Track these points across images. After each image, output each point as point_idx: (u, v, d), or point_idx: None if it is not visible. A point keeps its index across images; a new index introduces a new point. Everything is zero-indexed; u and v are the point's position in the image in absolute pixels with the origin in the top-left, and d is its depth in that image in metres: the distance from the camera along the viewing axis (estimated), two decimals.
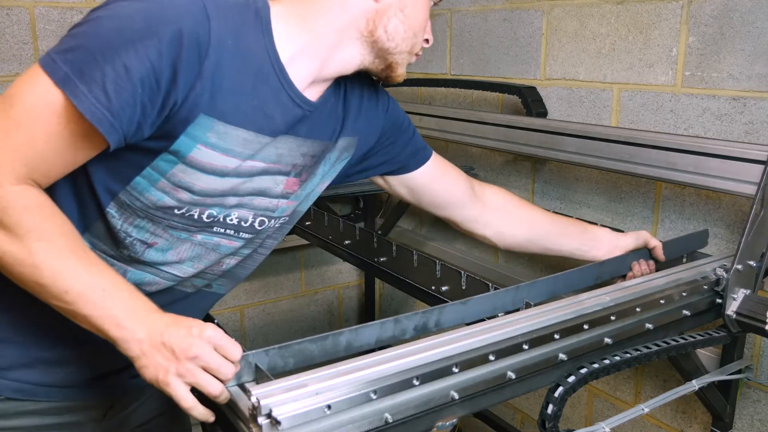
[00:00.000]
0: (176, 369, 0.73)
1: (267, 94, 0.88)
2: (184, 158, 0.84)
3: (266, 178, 0.93)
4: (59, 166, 0.79)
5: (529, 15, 1.88)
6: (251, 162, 0.90)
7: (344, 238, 1.62)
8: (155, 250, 0.92)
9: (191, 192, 0.87)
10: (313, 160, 0.99)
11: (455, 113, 2.00)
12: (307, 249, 2.60)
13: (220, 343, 0.74)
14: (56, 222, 0.77)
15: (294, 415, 0.70)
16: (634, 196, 1.66)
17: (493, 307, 1.01)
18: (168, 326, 0.75)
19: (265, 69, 0.87)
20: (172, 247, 0.92)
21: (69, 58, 0.74)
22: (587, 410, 1.90)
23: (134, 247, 0.90)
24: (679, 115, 1.53)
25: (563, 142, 1.64)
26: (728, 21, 1.41)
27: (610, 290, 1.08)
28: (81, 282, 0.75)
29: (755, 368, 1.43)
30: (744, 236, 1.15)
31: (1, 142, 0.74)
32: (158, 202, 0.87)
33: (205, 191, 0.88)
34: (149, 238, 0.90)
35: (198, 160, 0.84)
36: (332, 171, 1.06)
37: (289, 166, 0.95)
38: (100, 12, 0.77)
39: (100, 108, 0.74)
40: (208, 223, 0.92)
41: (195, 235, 0.93)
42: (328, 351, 0.87)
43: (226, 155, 0.86)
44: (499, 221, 1.24)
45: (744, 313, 1.14)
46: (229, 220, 0.94)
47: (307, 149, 0.96)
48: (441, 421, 0.84)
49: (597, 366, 0.99)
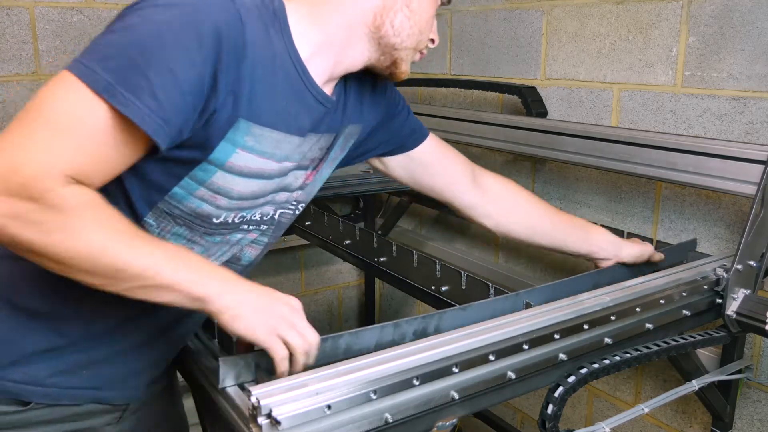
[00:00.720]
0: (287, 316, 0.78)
1: (292, 94, 0.89)
2: (222, 165, 0.85)
3: (290, 175, 0.96)
4: (105, 171, 0.78)
5: (529, 15, 1.88)
6: (283, 163, 0.92)
7: (344, 238, 1.62)
8: None
9: (229, 197, 0.88)
10: (323, 151, 1.01)
11: (455, 113, 2.00)
12: (307, 249, 2.60)
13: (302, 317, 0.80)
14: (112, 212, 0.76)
15: (294, 415, 0.70)
16: (634, 196, 1.66)
17: (492, 312, 1.01)
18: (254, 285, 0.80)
19: (289, 70, 0.88)
20: (207, 251, 0.95)
21: (110, 66, 0.73)
22: (587, 410, 1.90)
23: None
24: (679, 115, 1.53)
25: (563, 142, 1.64)
26: (728, 21, 1.41)
27: (610, 290, 1.08)
28: (157, 256, 0.75)
29: (755, 368, 1.43)
30: (744, 236, 1.15)
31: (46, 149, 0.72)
32: (197, 209, 0.88)
33: (242, 195, 0.89)
34: (186, 245, 0.91)
35: (236, 165, 0.86)
36: (337, 158, 1.07)
37: (308, 161, 0.98)
38: (133, 19, 0.76)
39: (151, 115, 0.74)
40: (239, 224, 0.95)
41: (227, 236, 0.95)
42: (328, 353, 0.87)
43: (262, 158, 0.88)
44: (498, 211, 1.23)
45: (744, 313, 1.14)
46: (254, 218, 0.96)
47: (323, 143, 0.99)
48: (441, 421, 0.84)
49: (597, 366, 0.99)
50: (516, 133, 1.77)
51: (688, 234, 1.53)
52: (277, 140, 0.88)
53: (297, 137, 0.91)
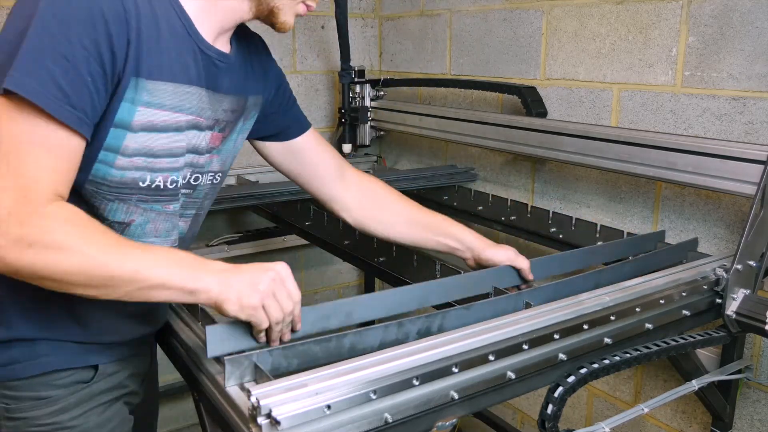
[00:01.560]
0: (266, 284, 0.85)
1: (180, 47, 0.94)
2: (129, 126, 0.90)
3: (194, 133, 0.99)
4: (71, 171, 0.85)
5: (529, 15, 1.88)
6: (183, 115, 0.96)
7: (344, 238, 1.62)
8: (134, 227, 0.98)
9: (145, 156, 0.93)
10: (233, 115, 1.06)
11: (455, 113, 2.00)
12: (307, 249, 2.59)
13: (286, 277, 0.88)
14: (94, 223, 0.83)
15: (294, 415, 0.70)
16: (634, 196, 1.66)
17: (494, 312, 1.01)
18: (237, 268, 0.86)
19: (175, 24, 0.94)
20: (149, 221, 0.99)
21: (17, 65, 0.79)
22: (587, 410, 1.90)
23: (114, 229, 0.94)
24: (679, 115, 1.53)
25: (563, 142, 1.64)
26: (728, 21, 1.41)
27: (610, 290, 1.08)
28: (145, 258, 0.82)
29: (755, 368, 1.43)
30: (744, 236, 1.15)
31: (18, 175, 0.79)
32: (122, 179, 0.92)
33: (153, 151, 0.94)
34: (125, 218, 0.96)
35: (141, 122, 0.91)
36: (244, 127, 1.12)
37: (213, 121, 1.02)
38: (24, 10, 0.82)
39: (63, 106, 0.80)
40: (173, 190, 0.99)
41: (168, 206, 1.00)
42: (332, 353, 0.87)
43: (163, 110, 0.93)
44: (357, 206, 1.27)
45: (744, 313, 1.14)
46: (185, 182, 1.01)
47: (228, 104, 1.04)
48: (441, 421, 0.84)
49: (597, 366, 0.99)
50: (516, 133, 1.77)
51: (688, 234, 1.53)
52: (173, 92, 0.93)
53: (196, 88, 0.96)
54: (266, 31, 1.09)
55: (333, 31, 2.33)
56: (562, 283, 1.12)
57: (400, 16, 2.43)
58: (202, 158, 1.02)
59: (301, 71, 2.42)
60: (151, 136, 0.92)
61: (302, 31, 2.39)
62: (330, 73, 2.49)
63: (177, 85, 0.94)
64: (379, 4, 2.54)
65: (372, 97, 2.36)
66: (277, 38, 2.24)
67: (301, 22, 2.37)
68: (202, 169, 1.03)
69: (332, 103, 2.52)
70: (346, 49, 2.29)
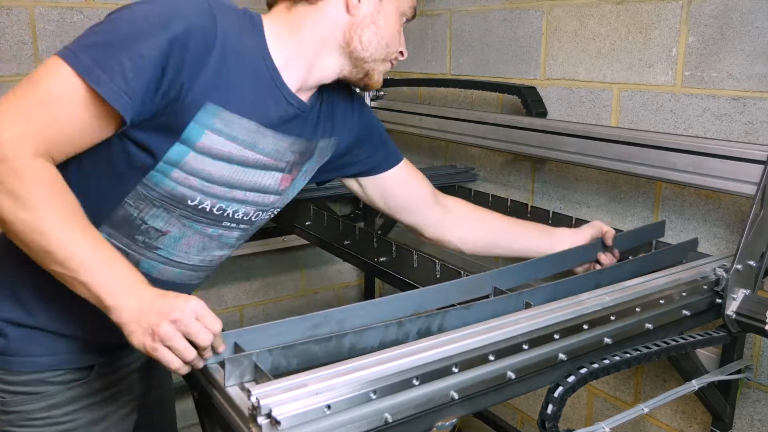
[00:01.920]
0: (159, 332, 0.78)
1: (263, 89, 0.98)
2: (193, 146, 0.93)
3: (266, 174, 1.03)
4: (75, 144, 0.88)
5: (529, 15, 1.88)
6: (253, 153, 1.00)
7: (344, 238, 1.62)
8: (169, 237, 1.01)
9: (201, 178, 0.96)
10: (301, 157, 1.09)
11: (455, 113, 2.00)
12: (307, 249, 2.60)
13: (201, 313, 0.80)
14: (65, 197, 0.84)
15: (294, 415, 0.70)
16: (634, 196, 1.66)
17: (495, 311, 1.01)
18: (156, 297, 0.81)
19: (261, 69, 0.98)
20: (184, 237, 1.02)
21: (91, 52, 0.85)
22: (587, 410, 1.90)
23: (149, 234, 1.00)
24: (679, 115, 1.53)
25: (563, 142, 1.64)
26: (728, 21, 1.41)
27: (610, 290, 1.08)
28: (84, 252, 0.82)
29: (755, 368, 1.43)
30: (744, 236, 1.15)
31: (27, 118, 0.83)
32: (173, 191, 0.96)
33: (212, 177, 0.97)
34: (164, 227, 1.00)
35: (207, 146, 0.94)
36: (311, 167, 1.15)
37: (284, 163, 1.05)
38: (121, 12, 0.89)
39: (120, 93, 0.84)
40: (217, 216, 1.02)
41: (207, 228, 1.03)
42: (332, 352, 0.87)
43: (232, 142, 0.96)
44: (460, 226, 1.32)
45: (744, 313, 1.14)
46: (236, 215, 1.04)
47: (297, 147, 1.06)
48: (441, 421, 0.84)
49: (597, 366, 0.99)
50: (516, 133, 1.77)
51: (688, 234, 1.53)
52: (247, 128, 0.97)
53: (270, 130, 1.00)
54: None
55: None
56: (562, 283, 1.12)
57: None
58: (270, 198, 1.07)
59: None
60: (215, 163, 0.96)
61: None
62: None
63: (256, 125, 0.97)
64: None
65: (372, 97, 2.36)
66: None
67: None
68: (267, 207, 1.09)
69: None
70: None
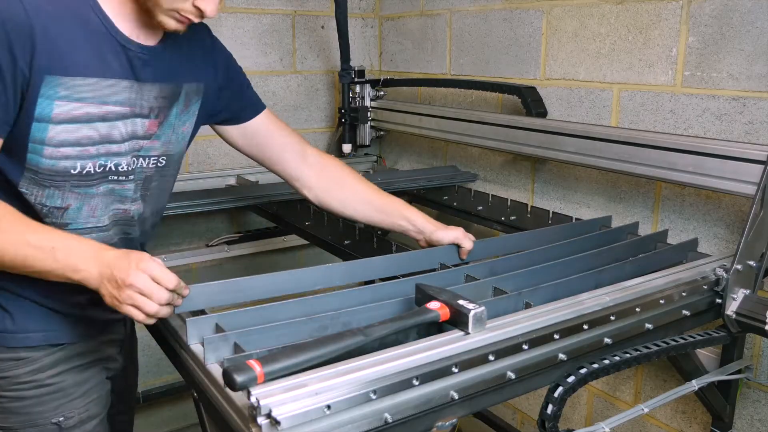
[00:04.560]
0: (120, 295, 0.91)
1: (99, 43, 1.01)
2: (50, 119, 0.98)
3: (131, 122, 1.07)
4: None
5: (529, 15, 1.88)
6: (109, 107, 1.03)
7: (344, 238, 1.62)
8: (71, 210, 1.07)
9: (72, 145, 1.01)
10: (166, 101, 1.12)
11: (455, 113, 2.00)
12: (307, 249, 2.59)
13: (155, 274, 0.91)
14: None
15: (294, 415, 0.70)
16: (634, 196, 1.66)
17: (495, 312, 1.01)
18: (115, 259, 0.92)
19: (93, 22, 1.00)
20: (84, 204, 1.07)
21: None
22: (587, 410, 1.90)
23: (53, 214, 1.05)
24: (679, 115, 1.53)
25: (563, 142, 1.64)
26: (728, 21, 1.41)
27: (610, 290, 1.08)
28: (32, 248, 0.92)
29: (755, 368, 1.43)
30: (744, 236, 1.15)
31: None
32: (53, 167, 1.01)
33: (81, 141, 1.02)
34: (62, 203, 1.05)
35: (62, 114, 0.99)
36: (187, 113, 1.17)
37: (146, 109, 1.09)
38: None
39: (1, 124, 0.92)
40: (102, 174, 1.07)
41: (98, 188, 1.07)
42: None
43: (83, 103, 1.00)
44: (318, 184, 1.36)
45: (744, 313, 1.14)
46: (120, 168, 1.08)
47: (157, 92, 1.10)
48: (441, 421, 0.84)
49: (597, 366, 0.99)
50: (516, 133, 1.77)
51: (688, 234, 1.53)
52: (92, 86, 1.00)
53: (117, 80, 1.03)
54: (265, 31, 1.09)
55: (333, 31, 2.33)
56: (562, 283, 1.12)
57: (400, 16, 2.43)
58: (141, 143, 1.10)
59: (300, 71, 2.42)
60: (76, 127, 1.00)
61: (302, 31, 2.39)
62: (330, 73, 2.49)
63: (99, 79, 1.01)
64: (379, 4, 2.54)
65: (372, 97, 2.36)
66: (276, 38, 2.24)
67: (301, 22, 2.37)
68: (140, 153, 1.11)
69: (332, 103, 2.52)
70: (346, 49, 2.29)
